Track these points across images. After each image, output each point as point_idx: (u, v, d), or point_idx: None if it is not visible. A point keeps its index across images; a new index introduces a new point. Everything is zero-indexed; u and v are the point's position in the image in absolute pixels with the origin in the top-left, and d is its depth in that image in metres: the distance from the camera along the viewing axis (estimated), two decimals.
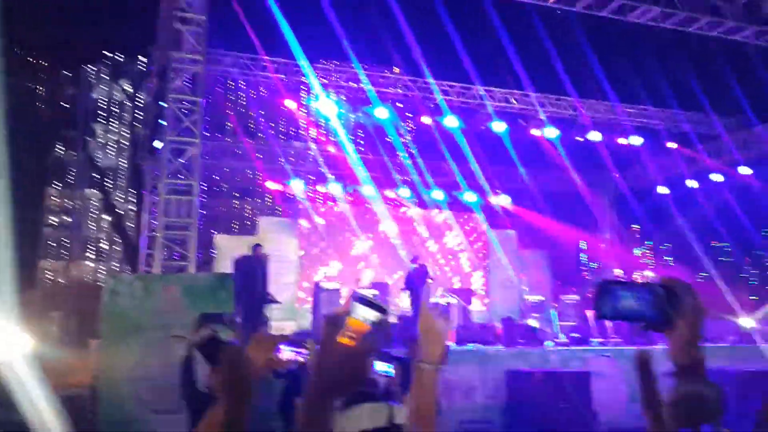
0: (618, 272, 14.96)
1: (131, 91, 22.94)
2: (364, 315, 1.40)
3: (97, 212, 30.40)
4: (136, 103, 22.39)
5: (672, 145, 18.59)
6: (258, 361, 1.69)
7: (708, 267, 20.99)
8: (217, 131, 30.53)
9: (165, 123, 13.22)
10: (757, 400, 3.21)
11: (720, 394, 1.34)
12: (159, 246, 11.51)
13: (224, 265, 15.20)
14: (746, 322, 12.45)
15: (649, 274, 22.07)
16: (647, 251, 25.51)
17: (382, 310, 1.43)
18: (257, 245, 11.73)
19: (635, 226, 22.65)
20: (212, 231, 20.98)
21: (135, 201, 16.98)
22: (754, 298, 19.68)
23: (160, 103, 13.51)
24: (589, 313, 12.94)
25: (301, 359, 2.08)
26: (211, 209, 28.71)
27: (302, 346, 2.17)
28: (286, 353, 3.35)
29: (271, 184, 18.93)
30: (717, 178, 18.22)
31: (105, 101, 33.38)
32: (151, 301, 7.08)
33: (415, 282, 14.03)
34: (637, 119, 18.16)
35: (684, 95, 18.70)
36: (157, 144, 13.97)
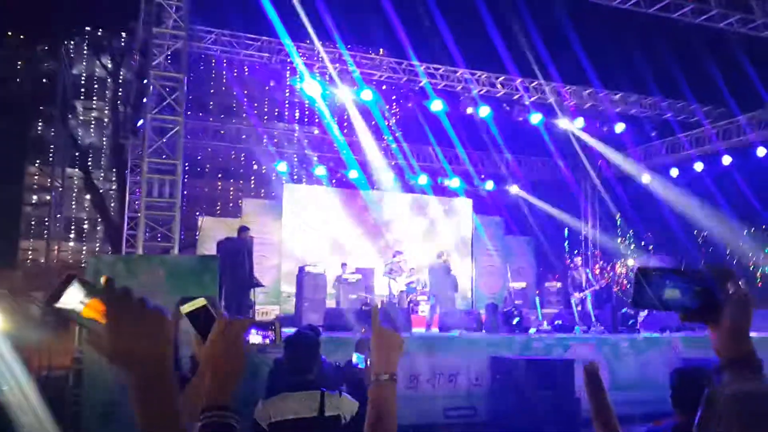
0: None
1: (112, 67, 22.45)
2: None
3: (78, 191, 29.93)
4: (118, 80, 21.97)
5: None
6: (228, 346, 1.63)
7: (690, 256, 21.29)
8: (199, 111, 30.17)
9: (146, 101, 12.99)
10: None
11: None
12: (141, 227, 11.33)
13: (207, 247, 15.09)
14: None
15: (630, 262, 22.31)
16: (629, 240, 25.75)
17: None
18: (244, 227, 11.62)
19: (617, 214, 22.78)
20: (195, 212, 20.79)
21: (116, 180, 16.69)
22: None
23: (143, 80, 13.26)
24: (573, 300, 13.05)
25: (267, 341, 2.04)
26: (193, 190, 28.42)
27: (269, 329, 2.12)
28: (255, 337, 3.26)
29: (255, 166, 18.77)
30: (698, 166, 18.38)
31: (85, 78, 32.75)
32: (135, 282, 6.96)
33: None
34: (621, 106, 18.20)
35: (666, 83, 18.78)
36: (140, 123, 13.75)
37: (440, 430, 9.40)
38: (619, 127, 17.88)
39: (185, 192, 14.71)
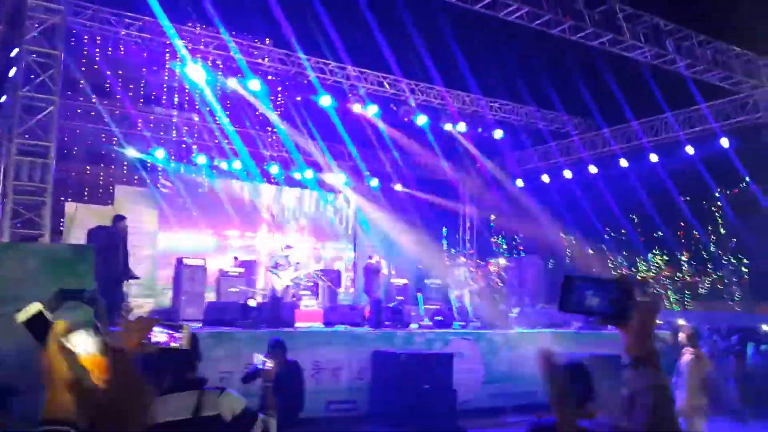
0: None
1: None
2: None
3: None
4: None
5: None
6: (129, 346, 1.59)
7: (557, 257, 22.73)
8: (68, 89, 28.03)
9: (11, 76, 11.89)
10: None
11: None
12: (8, 212, 10.33)
13: (75, 235, 14.12)
14: None
15: (502, 261, 23.46)
16: (500, 240, 27.10)
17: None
18: (119, 216, 10.98)
19: (492, 216, 23.90)
20: (61, 198, 19.33)
21: None
22: None
23: (8, 53, 12.12)
24: (452, 296, 13.55)
25: (174, 344, 1.95)
26: (59, 174, 26.42)
27: (177, 329, 2.04)
28: (159, 336, 3.10)
29: (130, 152, 17.76)
30: (567, 174, 19.70)
31: None
32: (2, 270, 6.39)
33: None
34: (500, 113, 19.09)
35: (541, 94, 19.95)
36: (2, 99, 12.58)
37: (322, 423, 9.40)
38: (498, 134, 18.75)
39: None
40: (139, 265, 14.19)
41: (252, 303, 10.55)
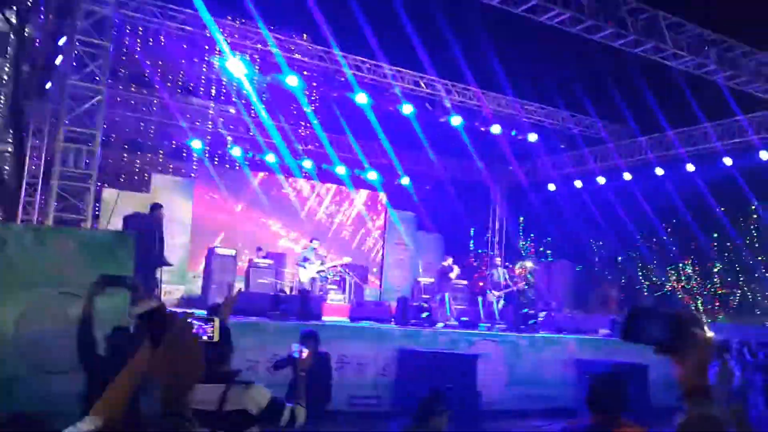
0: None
1: (17, 22, 20.87)
2: None
3: None
4: (23, 36, 20.48)
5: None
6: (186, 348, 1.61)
7: (586, 262, 22.54)
8: (108, 78, 28.62)
9: (58, 64, 12.24)
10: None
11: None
12: (53, 196, 10.66)
13: (111, 221, 14.45)
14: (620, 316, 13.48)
15: (528, 264, 23.35)
16: (530, 243, 26.94)
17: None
18: (156, 204, 11.24)
19: (521, 218, 23.80)
20: (98, 183, 19.73)
21: (13, 143, 15.57)
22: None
23: (56, 41, 12.47)
24: (491, 297, 13.56)
25: (204, 337, 1.96)
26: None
27: (207, 322, 2.06)
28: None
29: (165, 141, 18.09)
30: (601, 180, 19.54)
31: None
32: (44, 254, 6.61)
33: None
34: (534, 117, 19.01)
35: (576, 100, 19.79)
36: (49, 85, 12.95)
37: (344, 417, 9.51)
38: (532, 137, 18.66)
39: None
40: (172, 253, 14.50)
41: (283, 294, 10.69)
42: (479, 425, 10.07)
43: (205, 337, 1.98)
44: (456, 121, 17.51)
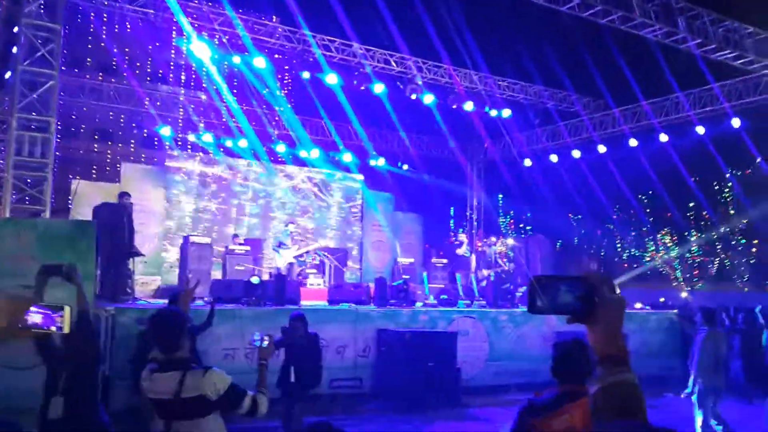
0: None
1: None
2: None
3: None
4: None
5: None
6: None
7: (564, 237, 22.61)
8: (75, 66, 28.03)
9: (15, 52, 11.78)
10: None
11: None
12: (8, 188, 10.29)
13: (83, 212, 14.12)
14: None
15: (510, 241, 23.39)
16: (508, 219, 27.00)
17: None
18: (124, 193, 10.97)
19: (499, 195, 23.79)
20: (68, 175, 19.37)
21: None
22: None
23: (12, 28, 12.01)
24: (482, 274, 13.56)
25: (53, 328, 1.77)
26: (67, 152, 26.48)
27: (55, 310, 1.85)
28: (35, 317, 2.97)
29: (135, 129, 17.72)
30: (576, 154, 19.53)
31: None
32: (1, 247, 6.38)
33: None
34: (508, 92, 18.87)
35: (549, 74, 19.72)
36: (8, 75, 12.52)
37: (325, 399, 9.42)
38: (506, 113, 18.55)
39: (58, 153, 13.62)
40: (146, 243, 14.24)
41: (255, 280, 10.50)
42: (460, 401, 10.05)
43: (52, 328, 1.78)
44: (428, 99, 17.32)
